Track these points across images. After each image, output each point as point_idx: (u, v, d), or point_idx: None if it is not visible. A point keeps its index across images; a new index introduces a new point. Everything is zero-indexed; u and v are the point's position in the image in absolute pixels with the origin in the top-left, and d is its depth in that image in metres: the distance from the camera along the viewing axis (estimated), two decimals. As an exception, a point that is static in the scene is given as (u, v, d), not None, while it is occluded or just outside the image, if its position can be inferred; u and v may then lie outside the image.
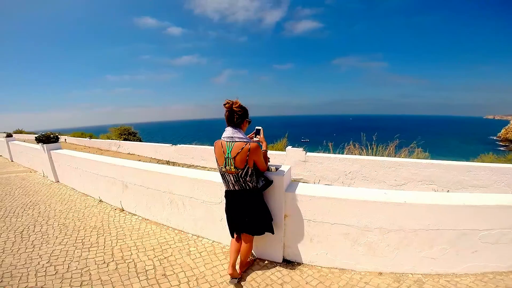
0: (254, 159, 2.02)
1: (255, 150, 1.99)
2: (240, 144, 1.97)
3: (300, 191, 2.40)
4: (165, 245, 2.93)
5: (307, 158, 5.90)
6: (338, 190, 2.43)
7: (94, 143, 14.34)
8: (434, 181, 4.93)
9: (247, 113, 2.11)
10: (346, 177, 5.59)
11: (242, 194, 2.10)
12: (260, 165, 2.12)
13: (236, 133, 2.01)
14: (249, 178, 2.04)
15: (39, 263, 2.63)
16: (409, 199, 2.18)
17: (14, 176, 7.17)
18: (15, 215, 3.98)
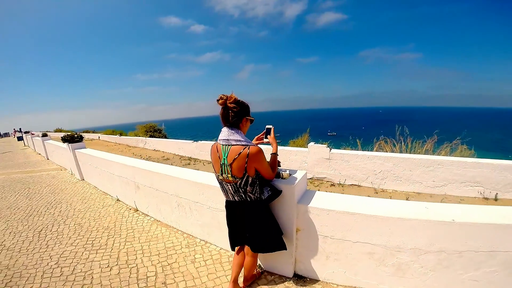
0: (256, 166, 1.70)
1: (255, 156, 1.66)
2: (237, 148, 1.66)
3: (316, 203, 2.05)
4: (171, 250, 2.87)
5: (332, 156, 5.56)
6: (364, 202, 2.05)
7: (123, 140, 15.21)
8: (480, 183, 4.38)
9: (247, 110, 1.77)
10: (375, 176, 5.19)
11: (243, 206, 1.82)
12: (264, 173, 1.78)
13: (232, 135, 1.69)
14: (250, 188, 1.73)
15: (48, 264, 2.72)
16: (458, 216, 1.75)
17: (46, 174, 7.72)
18: (38, 214, 4.21)
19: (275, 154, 1.97)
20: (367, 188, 5.13)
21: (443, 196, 4.53)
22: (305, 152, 5.90)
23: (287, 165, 6.18)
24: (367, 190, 5.03)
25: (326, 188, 5.17)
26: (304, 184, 2.29)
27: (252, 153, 1.65)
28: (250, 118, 1.82)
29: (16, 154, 14.16)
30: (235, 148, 1.67)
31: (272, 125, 2.07)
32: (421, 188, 4.78)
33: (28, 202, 4.94)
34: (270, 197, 1.84)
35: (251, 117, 1.82)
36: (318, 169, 5.73)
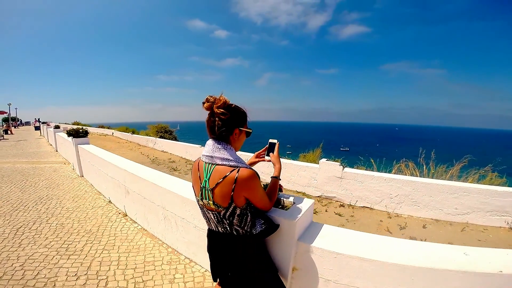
0: (246, 195, 1.28)
1: (246, 182, 1.23)
2: (222, 169, 1.25)
3: (322, 242, 1.61)
4: (150, 266, 2.59)
5: (344, 175, 5.18)
6: (383, 243, 1.59)
7: (135, 138, 15.42)
8: (510, 213, 3.93)
9: (241, 118, 1.36)
10: (391, 200, 4.77)
11: (227, 239, 1.40)
12: (258, 203, 1.36)
13: (218, 151, 1.28)
14: (237, 221, 1.31)
15: (12, 265, 2.52)
16: (507, 266, 1.32)
17: (49, 167, 7.72)
18: (24, 209, 4.07)
19: (277, 178, 1.54)
20: (380, 211, 4.72)
21: (464, 224, 4.13)
22: (316, 169, 5.55)
23: (295, 180, 5.83)
24: (380, 213, 4.62)
25: (335, 209, 4.78)
26: (310, 215, 1.84)
27: (242, 179, 1.22)
28: (246, 130, 1.39)
29: (30, 143, 14.56)
30: (220, 170, 1.26)
31: (277, 140, 1.65)
32: (441, 215, 4.35)
33: (20, 195, 4.84)
34: (263, 232, 1.41)
35: (247, 128, 1.39)
36: (328, 187, 5.35)
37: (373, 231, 3.88)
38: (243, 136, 1.40)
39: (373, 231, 3.89)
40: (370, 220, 4.33)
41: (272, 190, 1.51)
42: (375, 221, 4.28)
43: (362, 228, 3.95)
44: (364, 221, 4.27)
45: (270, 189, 1.51)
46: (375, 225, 4.12)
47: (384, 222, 4.22)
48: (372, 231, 3.88)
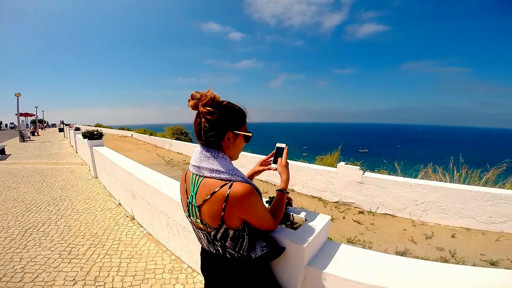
0: (242, 215, 1.04)
1: (241, 200, 1.00)
2: (211, 183, 1.03)
3: (336, 269, 1.29)
4: (150, 274, 2.52)
5: (365, 180, 4.92)
6: (411, 268, 1.28)
7: (152, 140, 15.87)
8: None
9: (237, 119, 1.11)
10: (416, 207, 4.46)
11: (222, 262, 1.17)
12: (258, 224, 1.12)
13: (207, 160, 1.06)
14: (231, 244, 1.09)
15: (14, 267, 2.55)
16: None
17: (67, 168, 8.01)
18: (36, 210, 4.18)
19: (283, 191, 1.26)
20: (404, 219, 4.42)
21: (499, 234, 3.79)
22: (333, 173, 5.31)
23: (311, 185, 5.61)
24: (403, 221, 4.32)
25: (354, 216, 4.53)
26: (324, 234, 1.53)
27: (235, 196, 0.98)
28: (244, 133, 1.13)
29: (53, 144, 15.31)
30: (208, 184, 1.03)
31: (286, 144, 1.39)
32: (473, 224, 4.01)
33: (35, 195, 5.01)
34: (264, 256, 1.15)
35: (245, 132, 1.14)
36: (347, 193, 5.10)
37: (395, 240, 3.63)
38: (240, 142, 1.14)
39: (396, 240, 3.63)
40: (392, 228, 4.05)
41: (278, 206, 1.25)
42: (398, 229, 4.00)
43: (383, 237, 3.70)
44: (386, 230, 4.00)
45: (274, 206, 1.26)
46: (398, 234, 3.85)
47: (408, 231, 3.94)
48: (395, 240, 3.62)
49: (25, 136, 17.16)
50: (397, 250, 3.32)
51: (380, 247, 3.42)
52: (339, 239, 3.63)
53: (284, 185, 1.28)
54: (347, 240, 3.58)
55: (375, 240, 3.62)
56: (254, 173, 1.43)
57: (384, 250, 3.29)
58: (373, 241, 3.58)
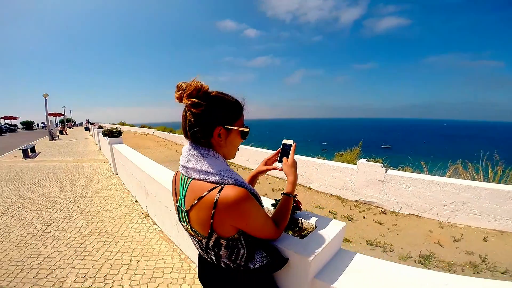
0: (235, 224, 0.91)
1: (232, 207, 0.86)
2: (198, 186, 0.91)
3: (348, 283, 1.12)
4: (159, 273, 2.56)
5: (387, 178, 4.69)
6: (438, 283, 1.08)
7: (172, 137, 16.35)
8: None
9: (228, 111, 0.96)
10: (444, 208, 4.19)
11: (218, 271, 1.06)
12: (257, 233, 1.00)
13: (195, 160, 0.94)
14: (226, 253, 0.98)
15: (31, 263, 2.69)
16: None
17: (90, 165, 8.39)
18: (58, 207, 4.40)
19: (289, 195, 1.13)
20: (430, 220, 4.17)
21: None
22: (353, 170, 5.12)
23: (329, 182, 5.46)
24: (429, 222, 4.08)
25: (375, 216, 4.34)
26: (337, 243, 1.34)
27: (224, 203, 0.85)
28: (238, 129, 0.99)
29: (79, 143, 16.13)
30: (196, 187, 0.92)
31: (294, 140, 1.23)
32: (508, 227, 3.70)
33: (58, 192, 5.28)
34: (264, 268, 1.05)
35: (240, 126, 1.00)
36: (368, 191, 4.90)
37: (419, 242, 3.43)
38: (235, 138, 1.00)
39: (420, 242, 3.43)
40: (416, 229, 3.84)
41: (282, 212, 1.12)
42: (423, 231, 3.78)
43: (407, 240, 3.51)
44: (409, 231, 3.79)
45: (278, 211, 1.12)
46: (423, 235, 3.64)
47: (434, 233, 3.71)
48: (419, 242, 3.43)
49: (54, 135, 18.22)
50: (421, 253, 3.14)
51: (403, 250, 3.25)
52: (358, 241, 3.49)
53: (291, 187, 1.13)
54: (367, 242, 3.43)
55: (397, 242, 3.45)
56: (258, 173, 1.29)
57: (406, 254, 3.12)
58: (395, 243, 3.41)
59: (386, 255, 3.12)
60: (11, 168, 8.13)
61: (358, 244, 3.42)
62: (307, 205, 4.71)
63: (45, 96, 18.64)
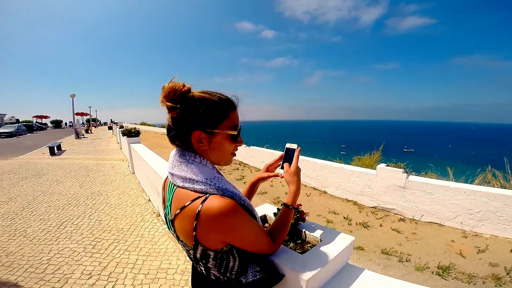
0: (222, 238, 0.83)
1: (216, 220, 0.78)
2: (182, 195, 0.85)
3: None
4: (162, 273, 2.58)
5: (408, 184, 4.48)
6: None
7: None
8: None
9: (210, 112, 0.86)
10: (470, 217, 3.94)
11: (208, 283, 1.00)
12: (249, 247, 0.92)
13: (179, 166, 0.88)
14: (214, 265, 0.90)
15: (42, 258, 2.81)
16: None
17: (110, 163, 8.71)
18: (75, 204, 4.60)
19: (290, 207, 1.04)
20: (453, 229, 3.93)
21: None
22: (372, 175, 4.94)
23: (346, 187, 5.30)
24: (452, 231, 3.85)
25: (393, 223, 4.16)
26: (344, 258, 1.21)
27: (207, 215, 0.78)
28: (223, 132, 0.88)
29: (102, 141, 16.85)
30: (180, 195, 0.85)
31: (297, 145, 1.14)
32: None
33: (77, 190, 5.52)
34: (257, 283, 0.96)
35: (226, 129, 0.89)
36: (387, 198, 4.70)
37: (439, 253, 3.24)
38: (222, 142, 0.89)
39: (440, 253, 3.24)
40: (437, 239, 3.63)
41: (280, 225, 1.03)
42: (444, 240, 3.57)
43: (426, 249, 3.32)
44: (430, 240, 3.59)
45: (276, 224, 1.03)
46: (444, 245, 3.44)
47: (456, 243, 3.50)
48: (439, 253, 3.24)
49: (79, 134, 19.16)
50: (440, 264, 2.96)
51: (420, 260, 3.08)
52: (372, 249, 3.35)
53: (292, 198, 1.04)
54: (382, 250, 3.29)
55: (415, 251, 3.27)
56: (258, 179, 1.21)
57: (424, 264, 2.95)
58: (413, 253, 3.24)
59: (401, 265, 2.97)
60: (38, 164, 8.62)
61: (372, 252, 3.28)
62: (321, 210, 4.60)
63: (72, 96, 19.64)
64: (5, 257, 2.81)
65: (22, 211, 4.24)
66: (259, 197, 4.99)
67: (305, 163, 6.06)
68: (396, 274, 2.83)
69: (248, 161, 8.60)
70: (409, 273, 2.85)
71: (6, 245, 3.09)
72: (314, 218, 4.26)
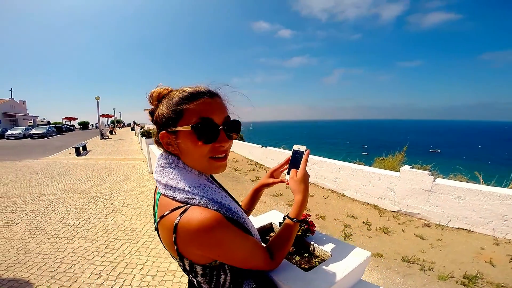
0: (203, 253, 0.72)
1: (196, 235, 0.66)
2: (165, 203, 0.75)
3: None
4: (170, 276, 2.59)
5: (436, 187, 4.22)
6: None
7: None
8: None
9: (168, 109, 0.74)
10: (504, 223, 3.65)
11: None
12: (240, 264, 0.80)
13: (161, 171, 0.79)
14: (204, 280, 0.80)
15: (56, 257, 2.93)
16: None
17: (130, 163, 8.99)
18: (94, 203, 4.77)
19: (293, 220, 0.91)
20: (483, 236, 3.66)
21: None
22: (395, 178, 4.71)
23: (366, 190, 5.09)
24: (482, 238, 3.58)
25: (416, 229, 3.93)
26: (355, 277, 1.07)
27: (186, 229, 0.67)
28: (186, 128, 0.72)
29: (125, 142, 17.47)
30: (163, 203, 0.77)
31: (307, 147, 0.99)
32: None
33: (98, 189, 5.73)
34: None
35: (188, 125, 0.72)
36: (411, 202, 4.46)
37: (466, 261, 3.01)
38: (186, 142, 0.74)
39: (467, 261, 3.01)
40: (465, 246, 3.39)
41: (281, 241, 0.91)
42: (472, 248, 3.32)
43: (451, 257, 3.11)
44: (456, 248, 3.36)
45: (276, 239, 0.92)
46: (472, 253, 3.20)
47: (486, 250, 3.24)
48: (466, 261, 3.01)
49: (104, 135, 20.01)
50: (466, 273, 2.75)
51: (444, 269, 2.88)
52: (392, 256, 3.18)
53: (296, 209, 0.91)
54: (402, 258, 3.11)
55: (440, 260, 3.07)
56: (262, 186, 1.11)
57: (448, 273, 2.75)
58: (437, 261, 3.04)
59: (423, 274, 2.79)
60: (63, 164, 9.07)
61: (392, 260, 3.11)
62: (338, 214, 4.45)
63: (97, 99, 20.53)
64: (22, 255, 2.95)
65: (45, 209, 4.46)
66: (273, 199, 4.91)
67: (322, 164, 5.91)
68: (416, 283, 2.66)
69: (264, 162, 8.55)
70: (430, 282, 2.67)
71: (26, 242, 3.25)
72: (331, 222, 4.13)
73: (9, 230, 3.62)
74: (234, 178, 6.66)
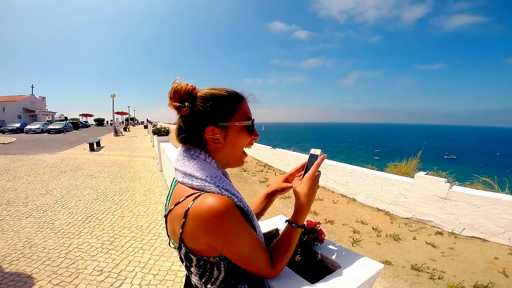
0: (210, 242, 0.72)
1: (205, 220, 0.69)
2: (181, 191, 0.79)
3: None
4: (172, 275, 2.57)
5: (451, 195, 4.06)
6: None
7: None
8: None
9: (220, 106, 0.80)
10: (521, 234, 3.48)
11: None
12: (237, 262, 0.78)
13: (182, 161, 0.83)
14: (196, 271, 0.80)
15: (61, 252, 2.95)
16: None
17: (141, 160, 9.10)
18: (103, 199, 4.83)
19: (296, 225, 0.88)
20: (498, 245, 3.49)
21: None
22: (408, 184, 4.56)
23: (377, 196, 4.95)
24: (497, 248, 3.41)
25: (428, 237, 3.79)
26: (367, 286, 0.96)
27: (196, 213, 0.69)
28: (239, 123, 0.82)
29: (138, 139, 17.77)
30: (178, 191, 0.80)
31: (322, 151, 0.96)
32: None
33: (108, 185, 5.81)
34: None
35: (243, 121, 0.83)
36: (424, 209, 4.31)
37: (478, 271, 2.87)
38: (237, 137, 0.83)
39: (479, 271, 2.87)
40: (478, 256, 3.24)
41: (281, 247, 0.87)
42: (486, 257, 3.17)
43: (463, 266, 2.97)
44: (469, 257, 3.22)
45: (277, 245, 0.88)
46: (485, 262, 3.05)
47: (501, 260, 3.09)
48: (478, 271, 2.87)
49: (118, 132, 20.42)
50: (477, 283, 2.62)
51: (454, 279, 2.75)
52: (401, 264, 3.07)
53: (298, 214, 0.88)
54: (412, 266, 2.99)
55: (451, 269, 2.94)
56: (275, 191, 1.07)
57: (458, 283, 2.63)
58: (447, 270, 2.91)
59: (431, 283, 2.68)
60: (77, 159, 9.28)
61: (401, 268, 3.00)
62: (347, 219, 4.34)
63: (113, 97, 20.97)
64: (28, 249, 3.00)
65: (55, 204, 4.55)
66: (281, 201, 4.85)
67: (333, 168, 5.80)
68: (424, 292, 2.56)
69: (273, 163, 8.49)
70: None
71: (33, 236, 3.31)
72: (339, 227, 4.03)
73: (18, 224, 3.70)
74: (243, 179, 6.63)
